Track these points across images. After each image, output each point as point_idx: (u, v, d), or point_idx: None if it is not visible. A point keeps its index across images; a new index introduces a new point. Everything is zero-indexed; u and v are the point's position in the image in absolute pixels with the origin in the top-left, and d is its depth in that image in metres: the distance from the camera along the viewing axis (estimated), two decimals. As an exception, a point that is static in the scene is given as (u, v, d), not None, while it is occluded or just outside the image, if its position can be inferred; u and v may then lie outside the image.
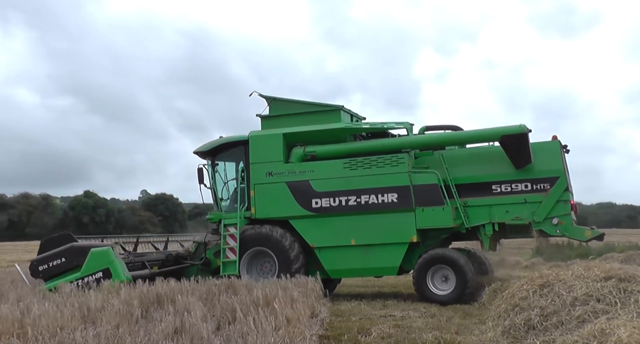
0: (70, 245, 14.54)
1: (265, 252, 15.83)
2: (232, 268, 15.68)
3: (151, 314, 9.62)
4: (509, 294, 9.29)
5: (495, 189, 14.93)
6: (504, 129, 14.72)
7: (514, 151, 14.65)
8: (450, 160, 15.41)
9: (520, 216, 14.66)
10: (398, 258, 15.16)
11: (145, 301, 10.68)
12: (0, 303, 10.40)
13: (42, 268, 14.44)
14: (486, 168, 15.14)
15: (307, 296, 11.82)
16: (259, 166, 16.10)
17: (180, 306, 9.83)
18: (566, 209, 14.48)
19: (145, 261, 15.82)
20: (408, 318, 11.85)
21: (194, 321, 8.49)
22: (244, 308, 9.71)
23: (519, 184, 14.80)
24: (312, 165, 15.83)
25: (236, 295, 11.08)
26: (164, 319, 8.84)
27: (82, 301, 10.18)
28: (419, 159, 15.74)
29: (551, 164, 14.72)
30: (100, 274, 13.96)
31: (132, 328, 8.48)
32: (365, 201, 15.29)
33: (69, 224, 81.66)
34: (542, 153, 14.83)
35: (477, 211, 14.99)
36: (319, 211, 15.58)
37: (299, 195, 15.72)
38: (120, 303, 10.06)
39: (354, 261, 15.42)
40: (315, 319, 10.72)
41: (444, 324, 10.91)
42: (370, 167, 15.42)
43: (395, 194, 15.12)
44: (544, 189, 14.63)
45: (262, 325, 8.44)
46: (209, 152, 16.90)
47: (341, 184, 15.51)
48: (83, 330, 8.16)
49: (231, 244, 15.90)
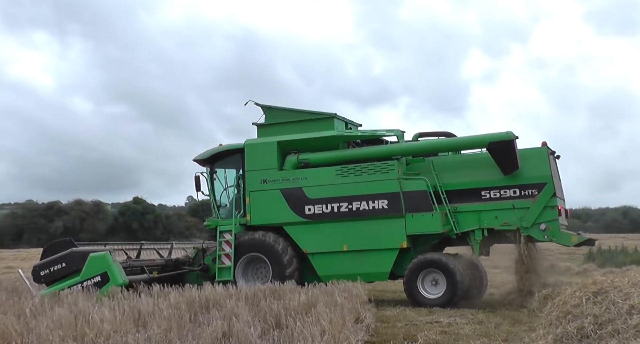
0: (70, 250, 15.09)
1: (260, 258, 16.15)
2: (227, 274, 16.04)
3: (199, 318, 9.82)
4: (560, 301, 8.81)
5: (485, 195, 15.04)
6: (491, 136, 14.87)
7: (501, 158, 14.75)
8: (440, 166, 15.54)
9: (509, 222, 14.74)
10: (389, 263, 15.36)
11: (193, 305, 10.94)
12: (56, 307, 10.81)
13: (43, 273, 14.99)
14: (475, 174, 15.25)
15: (351, 301, 11.74)
16: (254, 173, 16.44)
17: (227, 311, 9.99)
18: (554, 214, 14.52)
19: (144, 266, 16.24)
20: (455, 324, 11.59)
21: (241, 325, 8.65)
22: (289, 312, 9.75)
23: (508, 190, 14.88)
24: (306, 172, 16.10)
25: (280, 300, 11.12)
26: (211, 323, 9.01)
27: (133, 305, 10.44)
28: (411, 165, 15.90)
29: (539, 170, 14.76)
30: (98, 278, 14.42)
31: (181, 332, 8.71)
32: (357, 208, 15.52)
33: (119, 230, 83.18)
34: (530, 159, 14.88)
35: (466, 216, 15.11)
36: (312, 218, 15.85)
37: (293, 202, 16.01)
38: (170, 307, 10.33)
39: (346, 267, 15.62)
40: (360, 325, 10.56)
41: (492, 331, 10.70)
42: (361, 174, 15.64)
43: (385, 200, 15.32)
44: (531, 195, 14.69)
45: (308, 330, 8.44)
46: (208, 160, 17.29)
47: (333, 191, 15.76)
48: (135, 334, 8.40)
49: (226, 250, 16.27)
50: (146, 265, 16.37)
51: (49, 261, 15.09)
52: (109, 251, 15.11)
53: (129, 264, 15.86)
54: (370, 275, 15.69)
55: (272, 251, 15.90)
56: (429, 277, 14.95)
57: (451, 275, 14.62)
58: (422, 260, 14.96)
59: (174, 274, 16.64)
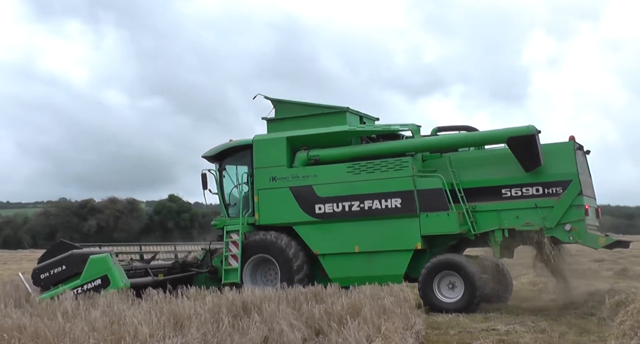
0: (71, 252, 14.58)
1: (269, 260, 15.51)
2: (234, 276, 15.39)
3: (238, 322, 9.45)
4: (635, 309, 8.35)
5: (505, 193, 14.21)
6: (510, 131, 14.11)
7: (521, 153, 13.95)
8: (458, 163, 14.72)
9: (531, 222, 13.89)
10: (403, 265, 14.66)
11: (232, 308, 10.53)
12: (91, 309, 10.64)
13: (43, 276, 14.50)
14: (495, 171, 14.43)
15: (399, 305, 10.97)
16: (263, 170, 15.78)
17: (268, 315, 9.66)
18: (580, 214, 13.64)
19: (148, 268, 15.73)
20: (514, 332, 10.65)
21: (283, 330, 8.40)
22: (332, 317, 9.44)
23: (530, 188, 14.04)
24: (316, 169, 15.41)
25: (322, 303, 10.68)
26: (251, 328, 8.79)
27: (170, 308, 10.15)
28: (427, 162, 15.16)
29: (564, 166, 13.91)
30: (99, 281, 13.96)
31: (220, 336, 8.46)
32: (369, 207, 14.84)
33: (154, 229, 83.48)
34: (555, 155, 14.05)
35: (486, 216, 14.30)
36: (322, 217, 15.18)
37: (302, 200, 15.34)
38: (208, 310, 10.03)
39: (358, 269, 14.96)
40: (410, 332, 9.69)
41: (556, 342, 9.89)
42: (373, 172, 14.95)
43: (398, 199, 14.62)
44: (556, 193, 13.83)
45: (353, 336, 8.06)
46: (216, 157, 16.65)
47: (344, 189, 15.07)
48: (172, 337, 8.27)
49: (233, 251, 15.63)
50: (151, 267, 15.85)
51: (49, 263, 14.59)
52: (110, 253, 14.57)
53: (132, 267, 15.33)
54: (383, 278, 14.75)
55: (283, 254, 15.23)
56: (446, 280, 14.15)
57: (469, 278, 13.78)
58: (438, 262, 14.18)
59: (181, 276, 16.05)
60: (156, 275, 15.71)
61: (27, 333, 8.48)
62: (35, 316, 10.03)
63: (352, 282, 15.06)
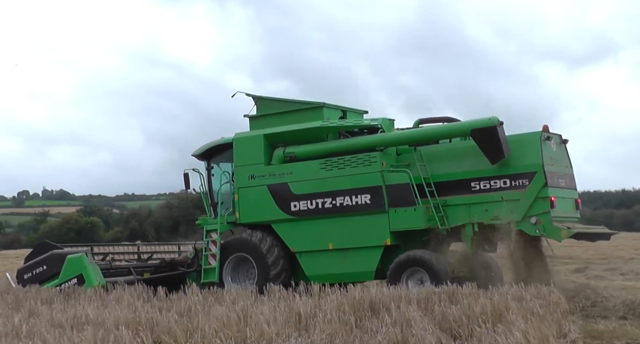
0: (51, 253, 15.14)
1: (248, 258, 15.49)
2: (212, 275, 15.43)
3: (366, 323, 9.27)
4: None
5: (474, 187, 13.83)
6: (473, 123, 13.81)
7: (485, 146, 13.54)
8: (429, 156, 14.34)
9: (500, 216, 13.43)
10: (374, 262, 14.43)
11: (357, 308, 10.24)
12: (216, 305, 10.91)
13: (27, 276, 15.12)
14: (465, 164, 14.04)
15: (549, 309, 9.97)
16: (243, 168, 15.76)
17: (398, 316, 9.22)
18: (545, 207, 13.14)
19: (131, 267, 16.02)
20: None
21: (417, 333, 8.09)
22: (472, 320, 8.93)
23: (498, 180, 13.61)
24: (291, 167, 15.27)
25: (457, 304, 9.97)
26: (380, 330, 8.56)
27: (292, 307, 10.11)
28: (401, 156, 14.77)
29: (529, 158, 13.45)
30: (75, 280, 14.42)
31: (348, 338, 8.33)
32: (340, 203, 14.66)
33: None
34: (522, 146, 13.62)
35: (456, 210, 13.96)
36: (297, 215, 15.07)
37: (279, 198, 15.25)
38: (332, 310, 9.75)
39: (333, 266, 14.81)
40: (564, 341, 8.51)
41: None
42: (344, 168, 14.72)
43: (368, 195, 14.39)
44: (522, 185, 13.34)
45: (497, 343, 7.67)
46: (203, 155, 16.78)
47: (318, 186, 14.91)
48: (297, 338, 8.22)
49: (213, 250, 15.69)
50: (134, 267, 16.14)
51: (31, 264, 15.23)
52: (86, 252, 14.99)
53: (112, 266, 15.70)
54: (355, 275, 14.78)
55: (256, 251, 15.19)
56: (415, 276, 13.82)
57: (435, 274, 13.37)
58: (406, 258, 13.87)
59: (166, 275, 16.23)
60: (141, 274, 15.94)
61: (158, 329, 8.81)
62: (165, 310, 10.49)
63: (327, 280, 14.99)
